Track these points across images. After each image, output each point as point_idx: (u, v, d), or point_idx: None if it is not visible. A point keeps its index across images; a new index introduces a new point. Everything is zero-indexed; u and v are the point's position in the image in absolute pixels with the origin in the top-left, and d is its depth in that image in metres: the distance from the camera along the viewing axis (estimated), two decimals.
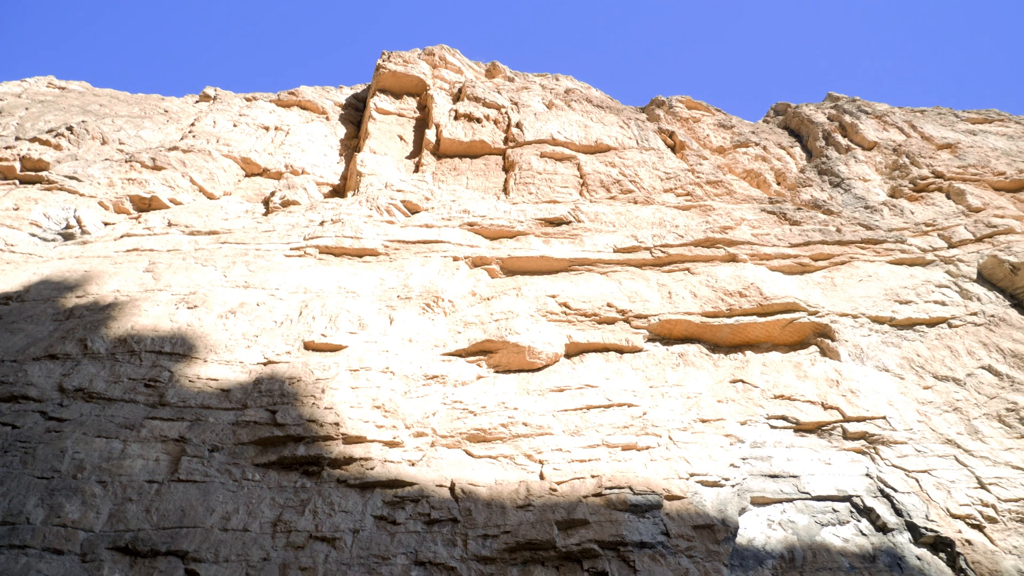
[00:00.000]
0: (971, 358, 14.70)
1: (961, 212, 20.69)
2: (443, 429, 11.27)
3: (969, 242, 19.07)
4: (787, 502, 10.97)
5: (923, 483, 11.54)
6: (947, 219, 20.16)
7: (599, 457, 11.10)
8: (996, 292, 17.12)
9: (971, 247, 18.87)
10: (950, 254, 18.52)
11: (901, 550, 10.47)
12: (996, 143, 26.75)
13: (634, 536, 9.82)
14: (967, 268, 17.96)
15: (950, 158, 24.12)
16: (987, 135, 27.94)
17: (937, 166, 23.07)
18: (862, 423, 12.52)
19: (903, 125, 27.00)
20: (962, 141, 25.94)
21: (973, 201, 20.96)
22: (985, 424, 13.07)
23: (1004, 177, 22.71)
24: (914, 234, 19.31)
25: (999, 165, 23.63)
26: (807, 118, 27.67)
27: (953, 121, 29.59)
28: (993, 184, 22.52)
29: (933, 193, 21.84)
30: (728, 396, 12.87)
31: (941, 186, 22.06)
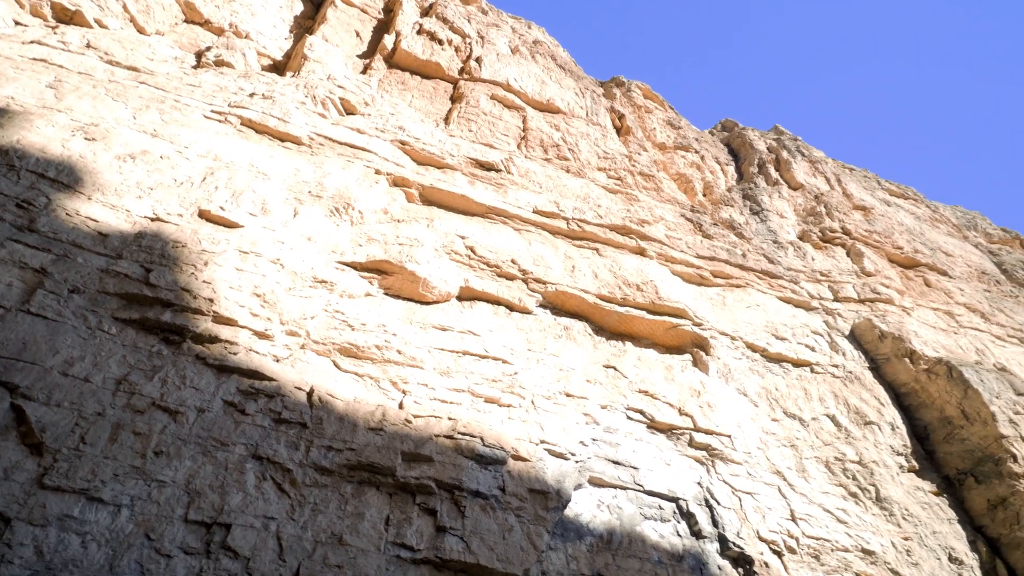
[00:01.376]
0: (820, 404, 15.76)
1: (855, 272, 21.92)
2: (317, 335, 11.14)
3: (852, 300, 20.28)
4: (621, 489, 11.53)
5: (745, 503, 12.38)
6: (841, 274, 21.33)
7: (461, 402, 11.28)
8: (861, 352, 18.34)
9: (852, 305, 20.08)
10: (833, 306, 19.65)
11: (707, 557, 11.23)
12: (904, 219, 28.40)
13: (472, 484, 10.09)
14: (843, 323, 19.13)
15: (861, 220, 25.43)
16: (899, 209, 29.62)
17: (848, 224, 24.28)
18: (709, 436, 13.25)
19: (831, 176, 28.20)
20: (876, 208, 27.38)
21: (868, 265, 22.24)
22: (813, 465, 14.10)
23: (900, 252, 24.19)
24: (808, 279, 20.33)
25: (900, 240, 25.13)
26: (749, 142, 28.43)
27: (874, 187, 31.15)
28: (889, 255, 23.95)
29: (836, 247, 23.02)
30: (598, 378, 13.30)
31: (845, 243, 23.27)
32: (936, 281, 23.76)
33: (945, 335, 20.27)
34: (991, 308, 23.49)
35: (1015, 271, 30.31)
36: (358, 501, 9.34)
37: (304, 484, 9.19)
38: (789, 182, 26.46)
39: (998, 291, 26.00)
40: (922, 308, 21.42)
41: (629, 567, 10.44)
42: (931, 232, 28.72)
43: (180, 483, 8.49)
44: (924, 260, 24.55)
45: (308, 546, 8.61)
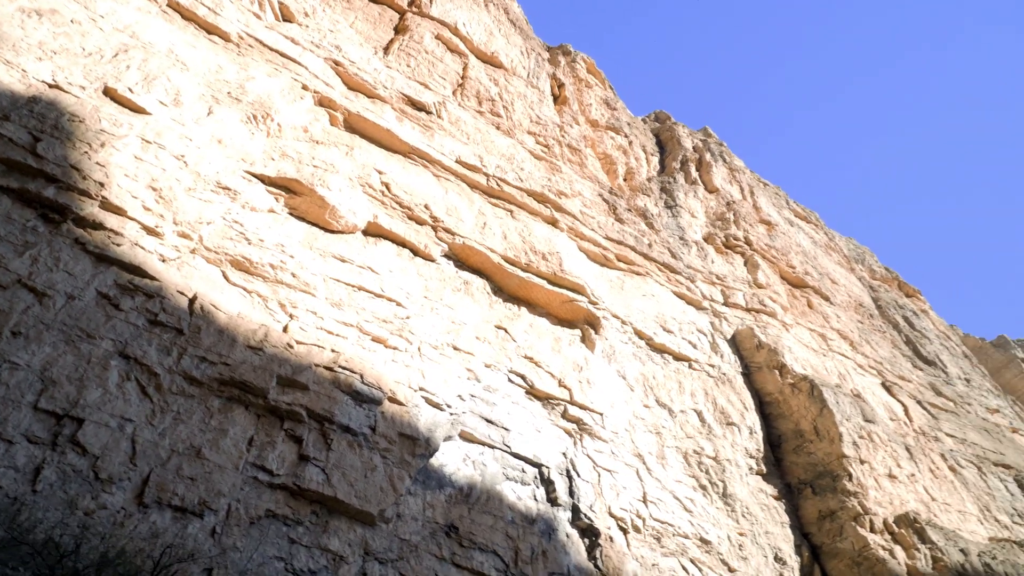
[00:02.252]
0: (691, 399, 16.53)
1: (748, 281, 22.92)
2: (211, 242, 10.72)
3: (740, 307, 21.24)
4: (489, 448, 11.78)
5: (603, 480, 12.90)
6: (735, 281, 22.27)
7: (347, 337, 11.17)
8: (737, 357, 19.29)
9: (739, 312, 21.04)
10: (721, 310, 20.52)
11: (557, 524, 11.67)
12: (802, 240, 29.82)
13: (344, 419, 10.06)
14: (727, 327, 20.03)
15: (764, 234, 26.53)
16: (800, 231, 31.06)
17: (751, 235, 25.29)
18: (583, 411, 13.67)
19: (746, 187, 29.21)
20: (780, 225, 28.61)
21: (761, 277, 23.29)
22: (673, 455, 14.82)
23: (792, 271, 25.43)
24: (704, 280, 21.12)
25: (794, 259, 26.40)
26: (677, 138, 29.01)
27: (782, 205, 32.50)
28: (782, 272, 25.14)
29: (736, 255, 23.97)
30: (487, 337, 13.44)
31: (745, 252, 24.25)
32: (818, 304, 25.17)
33: (815, 355, 21.57)
34: (860, 338, 25.13)
35: (887, 309, 32.49)
36: (224, 417, 9.14)
37: (170, 391, 8.91)
38: (706, 184, 27.23)
39: (869, 324, 27.82)
40: (800, 327, 22.67)
41: (482, 522, 10.73)
42: (824, 258, 30.32)
43: (35, 368, 8.06)
44: (812, 283, 25.92)
45: (163, 454, 8.39)
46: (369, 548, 9.37)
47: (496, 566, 10.41)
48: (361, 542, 9.36)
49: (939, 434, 21.93)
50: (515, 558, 10.70)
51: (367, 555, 9.29)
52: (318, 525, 9.19)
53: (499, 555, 10.55)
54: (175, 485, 8.23)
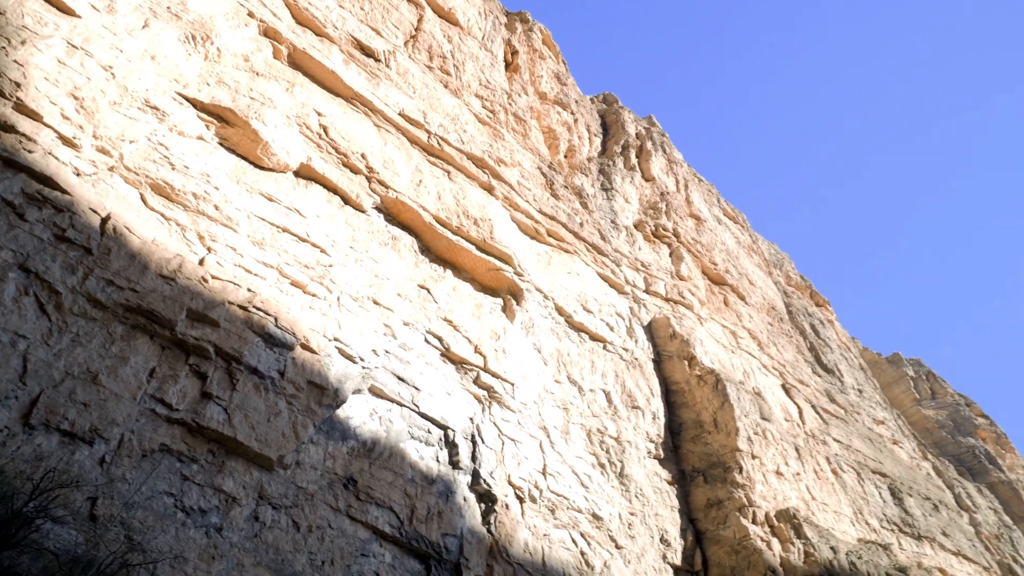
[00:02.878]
0: (601, 379, 16.90)
1: (671, 272, 23.46)
2: (132, 162, 10.24)
3: (660, 296, 21.75)
4: (398, 405, 11.77)
5: (506, 448, 13.10)
6: (658, 270, 22.76)
7: (266, 278, 10.91)
8: (651, 344, 19.80)
9: (659, 301, 21.55)
10: (642, 296, 20.97)
11: (456, 487, 11.81)
12: (727, 239, 30.66)
13: (253, 360, 9.86)
14: (645, 314, 20.51)
15: (692, 228, 27.15)
16: (726, 229, 31.90)
17: (679, 227, 25.84)
18: (495, 379, 13.80)
19: (681, 180, 29.75)
20: (708, 222, 29.32)
21: (684, 270, 23.87)
22: (577, 431, 15.16)
23: (714, 267, 26.16)
24: (630, 265, 21.50)
25: (717, 256, 27.16)
26: (622, 122, 29.23)
27: (713, 202, 33.28)
28: (704, 267, 25.84)
29: (663, 245, 24.47)
30: (409, 295, 13.36)
31: (672, 244, 24.78)
32: (734, 303, 26.01)
33: (724, 351, 22.34)
34: (768, 340, 26.15)
35: (797, 315, 33.87)
36: (126, 345, 8.82)
37: (71, 312, 8.52)
38: (644, 172, 27.60)
39: (779, 327, 28.96)
40: (714, 322, 23.41)
41: (382, 478, 10.75)
42: (745, 259, 31.28)
43: None
44: (731, 281, 26.74)
45: (57, 375, 8.04)
46: (264, 492, 9.28)
47: (391, 522, 10.48)
48: (257, 485, 9.25)
49: (827, 438, 23.12)
50: (411, 516, 10.78)
51: (261, 499, 9.20)
52: (214, 465, 9.03)
53: (395, 512, 10.61)
54: (66, 409, 7.91)
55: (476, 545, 11.43)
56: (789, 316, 32.72)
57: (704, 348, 20.62)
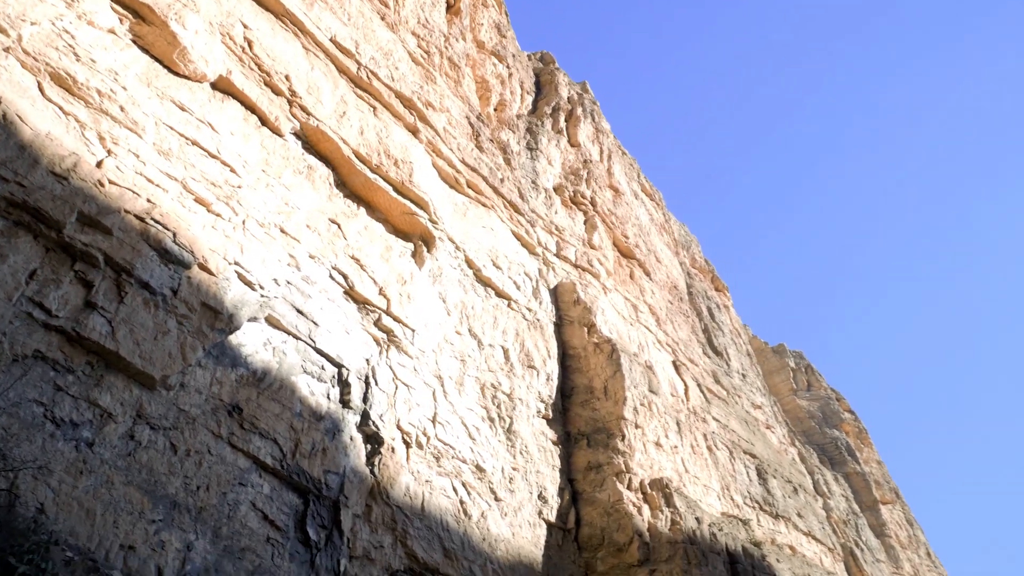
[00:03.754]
0: (502, 336, 17.09)
1: (583, 239, 23.80)
2: (32, 46, 9.46)
3: (569, 262, 22.07)
4: (294, 338, 11.55)
5: (399, 393, 13.11)
6: (571, 236, 23.05)
7: (169, 190, 10.39)
8: (555, 307, 20.13)
9: (567, 266, 21.87)
10: (552, 260, 21.22)
11: (344, 426, 11.76)
12: (641, 215, 31.29)
13: (145, 275, 9.43)
14: (553, 277, 20.79)
15: (610, 199, 27.55)
16: (642, 205, 32.53)
17: (598, 197, 26.17)
18: (396, 323, 13.73)
19: (606, 150, 30.04)
20: (626, 195, 29.80)
21: (596, 239, 24.26)
22: (472, 384, 15.32)
23: (625, 240, 26.71)
24: (544, 228, 21.67)
25: (630, 230, 27.71)
26: (556, 84, 29.15)
27: (633, 177, 33.82)
28: (616, 239, 26.33)
29: (579, 212, 24.75)
30: (319, 228, 13.05)
31: (588, 212, 25.10)
32: (639, 277, 26.70)
33: (623, 323, 22.97)
34: (666, 317, 27.03)
35: (697, 297, 35.10)
36: (5, 242, 8.25)
37: None
38: (571, 137, 27.71)
39: (677, 307, 29.96)
40: (618, 294, 23.99)
41: (269, 409, 10.58)
42: (656, 236, 32.07)
43: None
44: (639, 256, 27.39)
45: None
46: (143, 411, 8.97)
47: (273, 454, 10.35)
48: (136, 404, 8.93)
49: (708, 417, 24.26)
50: (294, 450, 10.69)
51: (139, 417, 8.89)
52: (91, 378, 8.63)
53: (279, 444, 10.49)
54: None
55: (358, 485, 11.46)
56: (689, 297, 33.89)
57: (605, 317, 21.13)
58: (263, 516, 9.86)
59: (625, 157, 34.06)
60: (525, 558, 14.32)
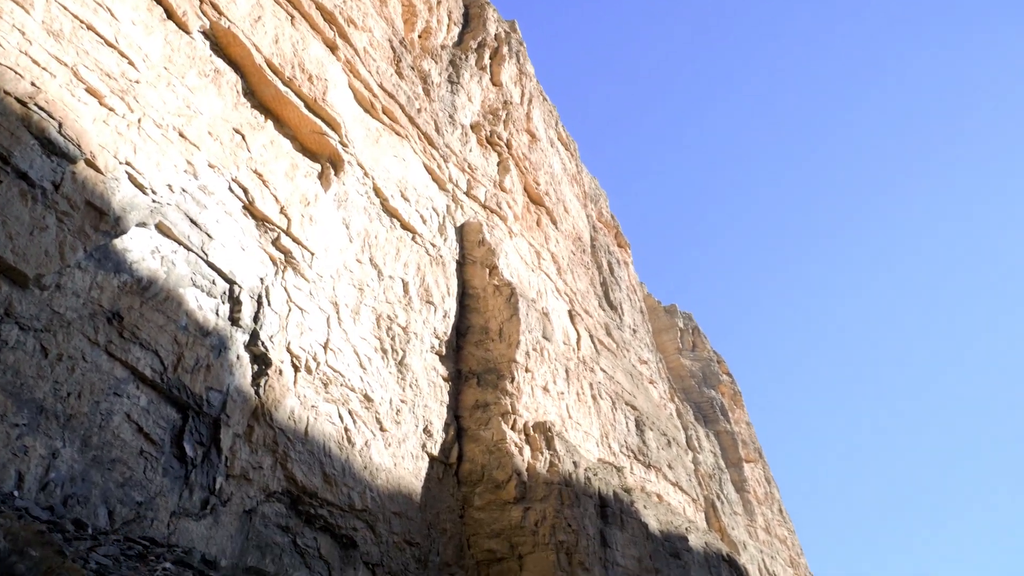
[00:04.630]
0: (403, 268, 16.95)
1: (495, 181, 23.69)
2: None
3: (479, 202, 21.98)
4: (185, 249, 11.06)
5: (292, 316, 12.84)
6: (483, 176, 22.90)
7: (57, 76, 9.61)
8: (459, 245, 20.10)
9: (476, 206, 21.78)
10: (462, 198, 21.08)
11: (232, 343, 11.45)
12: (555, 164, 31.39)
13: (24, 164, 8.76)
14: (460, 215, 20.68)
15: (526, 144, 27.46)
16: (557, 154, 32.57)
17: (514, 140, 26.03)
18: (296, 245, 13.36)
19: (527, 93, 29.76)
20: (542, 142, 29.74)
21: (507, 182, 24.20)
22: (368, 313, 15.19)
23: (537, 187, 26.80)
24: (457, 165, 21.43)
25: (542, 177, 27.79)
26: (484, 19, 28.48)
27: (552, 124, 33.76)
28: (527, 184, 26.37)
29: (494, 153, 24.58)
30: (222, 137, 12.42)
31: (503, 154, 24.94)
32: (546, 225, 26.93)
33: (526, 268, 23.21)
34: (567, 267, 27.49)
35: (599, 251, 35.80)
36: None
37: None
38: (494, 75, 27.28)
39: (580, 258, 30.50)
40: (523, 239, 24.15)
41: (153, 320, 10.17)
42: (567, 187, 32.31)
43: None
44: (548, 204, 27.57)
45: None
46: (12, 309, 8.43)
47: (153, 366, 10.00)
48: (5, 301, 8.38)
49: (596, 367, 25.05)
50: (176, 364, 10.35)
51: (7, 316, 8.35)
52: None
53: (160, 356, 10.13)
54: None
55: (241, 404, 11.26)
56: (592, 249, 34.52)
57: (508, 261, 21.28)
58: (137, 428, 9.56)
59: (545, 103, 33.91)
60: (405, 488, 14.55)
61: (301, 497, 12.04)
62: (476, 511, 16.22)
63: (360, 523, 13.11)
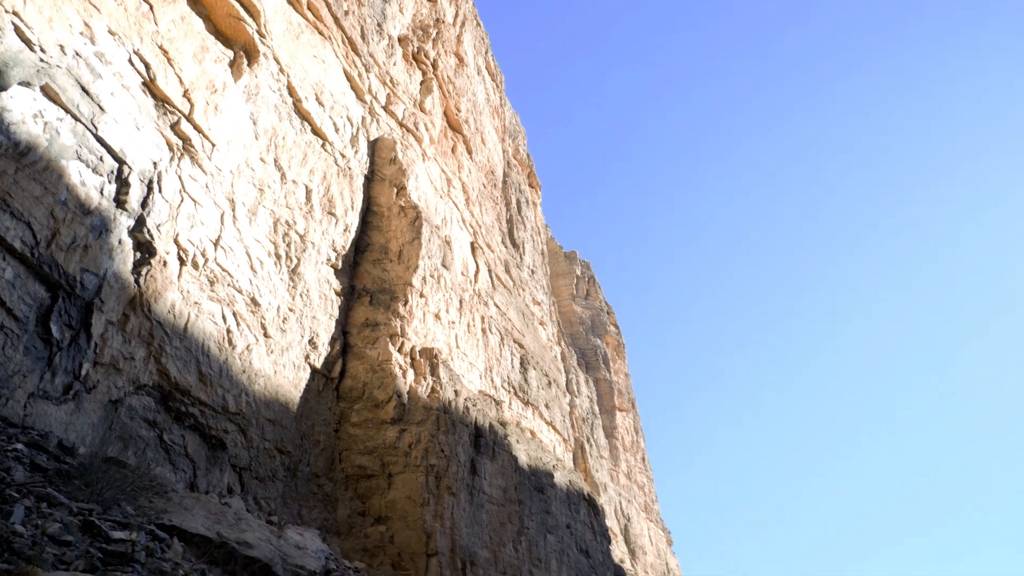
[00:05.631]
0: (309, 175, 16.40)
1: (416, 100, 23.09)
2: None
3: (396, 119, 21.42)
4: (73, 118, 10.27)
5: (185, 207, 12.23)
6: (404, 92, 22.26)
7: None
8: (370, 160, 19.61)
9: (393, 122, 21.23)
10: (379, 112, 20.47)
11: (115, 226, 10.82)
12: (479, 92, 30.88)
13: None
14: (375, 130, 20.12)
15: (453, 67, 26.81)
16: (482, 83, 32.03)
17: (441, 61, 25.35)
18: (198, 133, 12.66)
19: (461, 15, 28.93)
20: (470, 67, 29.11)
21: (428, 104, 23.65)
22: (266, 216, 14.67)
23: (457, 113, 26.36)
24: (379, 77, 20.72)
25: (464, 104, 27.31)
26: None
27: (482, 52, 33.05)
28: (448, 109, 25.88)
29: (419, 71, 23.88)
30: (127, 3, 11.45)
31: (427, 73, 24.28)
32: (461, 153, 26.60)
33: (434, 193, 22.94)
34: (476, 199, 27.37)
35: (510, 187, 35.79)
36: None
37: None
38: None
39: (490, 192, 30.40)
40: (436, 164, 23.79)
41: (29, 189, 9.46)
42: (487, 118, 31.89)
43: None
44: (467, 133, 27.19)
45: None
46: None
47: (24, 238, 9.34)
48: None
49: (490, 301, 25.31)
50: (51, 240, 9.71)
51: None
52: None
53: (32, 230, 9.46)
54: None
55: (118, 291, 10.73)
56: (503, 185, 34.45)
57: (417, 183, 20.96)
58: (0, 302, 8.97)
59: (479, 29, 33.07)
60: (283, 397, 14.42)
61: (173, 393, 11.72)
62: (352, 427, 16.31)
63: (232, 426, 12.93)
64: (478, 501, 17.92)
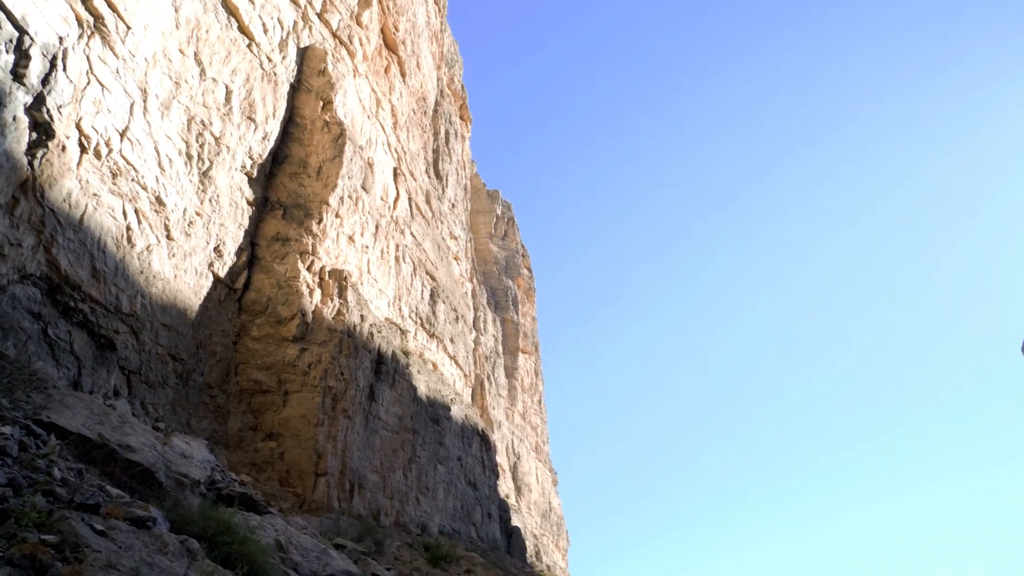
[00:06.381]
0: (230, 75, 15.57)
1: (353, 12, 22.18)
2: None
3: (329, 29, 20.52)
4: None
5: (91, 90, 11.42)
6: (341, 3, 21.30)
7: None
8: (298, 69, 18.79)
9: (326, 32, 20.33)
10: (312, 19, 19.56)
11: (11, 102, 10.00)
12: (420, 15, 29.92)
13: None
14: (307, 38, 19.24)
15: None
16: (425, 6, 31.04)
17: None
18: (111, 12, 11.76)
19: None
20: None
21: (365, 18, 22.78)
22: (179, 113, 13.88)
23: (395, 34, 25.50)
24: None
25: (403, 24, 26.43)
26: None
27: None
28: (385, 26, 24.99)
29: None
30: None
31: None
32: (394, 75, 25.82)
33: (361, 113, 22.26)
34: (404, 124, 26.75)
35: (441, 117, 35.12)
36: None
37: None
38: None
39: (419, 119, 29.75)
40: (366, 82, 23.02)
41: None
42: (426, 42, 30.96)
43: None
44: (402, 55, 26.35)
45: None
46: None
47: None
48: None
49: (407, 230, 25.02)
50: None
51: None
52: None
53: None
54: None
55: (8, 171, 10.00)
56: (434, 114, 33.75)
57: (345, 100, 20.27)
58: None
59: None
60: (181, 303, 13.94)
61: (62, 287, 11.12)
62: (251, 340, 15.99)
63: (124, 327, 12.43)
64: (373, 427, 18.02)
